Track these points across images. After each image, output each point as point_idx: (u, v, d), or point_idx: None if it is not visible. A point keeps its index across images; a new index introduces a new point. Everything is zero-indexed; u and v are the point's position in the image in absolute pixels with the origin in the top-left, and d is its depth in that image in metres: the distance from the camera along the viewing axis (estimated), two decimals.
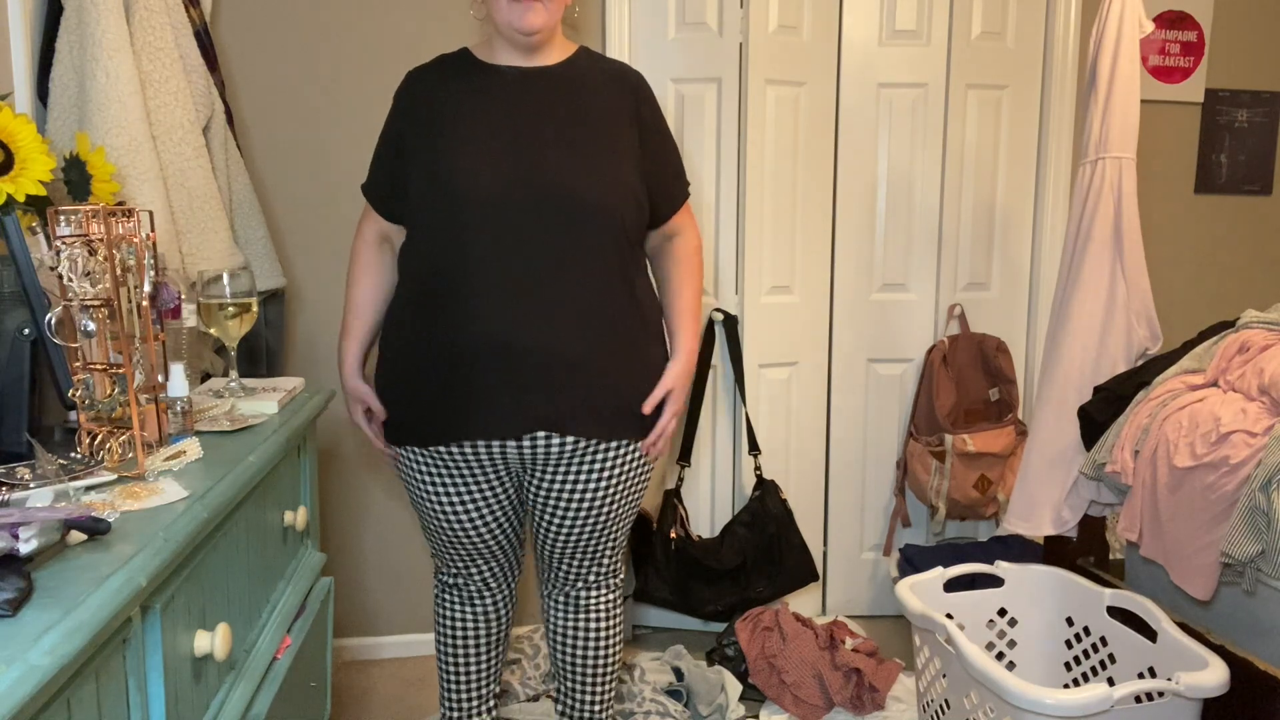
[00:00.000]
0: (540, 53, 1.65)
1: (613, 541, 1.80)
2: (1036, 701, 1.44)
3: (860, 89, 2.66)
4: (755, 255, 2.61)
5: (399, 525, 2.61)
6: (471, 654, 1.90)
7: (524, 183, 1.56)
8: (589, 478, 1.69)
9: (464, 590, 1.86)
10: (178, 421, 1.33)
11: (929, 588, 1.88)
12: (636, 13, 2.55)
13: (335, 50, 2.40)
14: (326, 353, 2.50)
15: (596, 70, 1.70)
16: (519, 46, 1.63)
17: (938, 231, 2.74)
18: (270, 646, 1.37)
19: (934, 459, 2.64)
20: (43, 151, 1.23)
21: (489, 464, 1.67)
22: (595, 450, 1.67)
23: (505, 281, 1.56)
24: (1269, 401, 1.61)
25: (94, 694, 0.83)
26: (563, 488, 1.70)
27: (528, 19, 1.56)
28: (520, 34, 1.58)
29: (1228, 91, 2.92)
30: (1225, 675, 1.48)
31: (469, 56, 1.68)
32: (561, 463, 1.67)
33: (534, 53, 1.64)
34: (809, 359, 2.73)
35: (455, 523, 1.73)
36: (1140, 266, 2.00)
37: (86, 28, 1.67)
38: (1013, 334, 2.79)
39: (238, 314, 1.55)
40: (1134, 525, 1.76)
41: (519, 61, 1.65)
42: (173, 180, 1.83)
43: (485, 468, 1.67)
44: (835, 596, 2.86)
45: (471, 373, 1.59)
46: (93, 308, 1.18)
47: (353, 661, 2.62)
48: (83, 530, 0.92)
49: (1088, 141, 2.01)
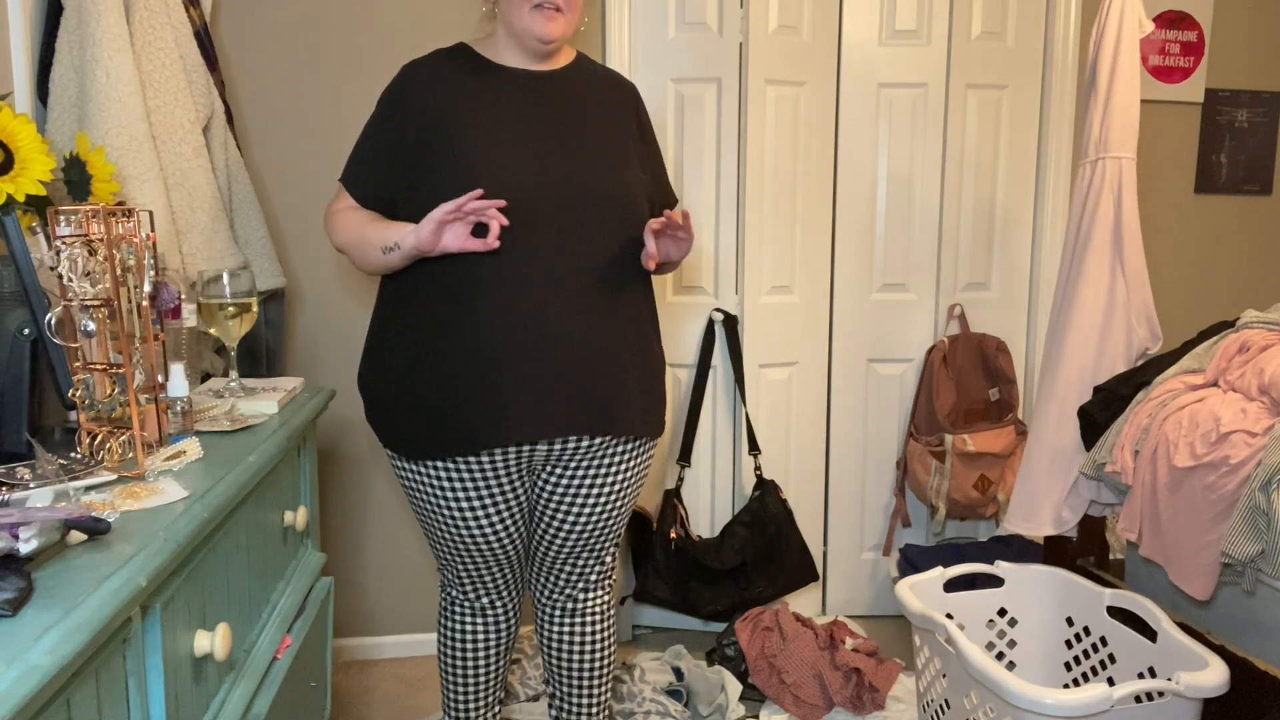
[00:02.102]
0: (548, 58, 1.66)
1: (616, 538, 1.81)
2: (1036, 701, 1.44)
3: (860, 89, 2.66)
4: (755, 255, 2.61)
5: (399, 525, 2.61)
6: (481, 665, 1.87)
7: (550, 184, 1.57)
8: (604, 475, 1.70)
9: (474, 603, 1.83)
10: (178, 421, 1.33)
11: (929, 588, 1.88)
12: (636, 13, 2.55)
13: (335, 50, 2.40)
14: (327, 353, 2.51)
15: (597, 76, 1.72)
16: (533, 53, 1.63)
17: (938, 231, 2.74)
18: (270, 646, 1.37)
19: (934, 459, 2.64)
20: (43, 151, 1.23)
21: (515, 468, 1.65)
22: (611, 446, 1.68)
23: (538, 281, 1.55)
24: (1269, 401, 1.61)
25: (94, 694, 0.83)
26: (580, 483, 1.70)
27: (549, 28, 1.56)
28: (539, 41, 1.59)
29: (1228, 91, 2.92)
30: (1225, 675, 1.48)
31: (472, 54, 1.66)
32: (580, 460, 1.68)
33: (543, 58, 1.65)
34: (809, 359, 2.73)
35: (472, 533, 1.69)
36: (1140, 266, 2.00)
37: (86, 27, 1.67)
38: (1013, 334, 2.79)
39: (238, 314, 1.55)
40: (1134, 525, 1.76)
41: (527, 65, 1.65)
42: (173, 180, 1.83)
43: (510, 472, 1.65)
44: (835, 596, 2.86)
45: (503, 374, 1.55)
46: (93, 308, 1.18)
47: (353, 661, 2.62)
48: (83, 530, 0.92)
49: (1088, 141, 2.01)
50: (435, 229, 1.48)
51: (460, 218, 1.47)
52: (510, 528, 1.72)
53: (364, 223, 1.61)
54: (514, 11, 1.57)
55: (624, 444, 1.69)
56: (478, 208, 1.45)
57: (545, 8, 1.56)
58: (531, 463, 1.66)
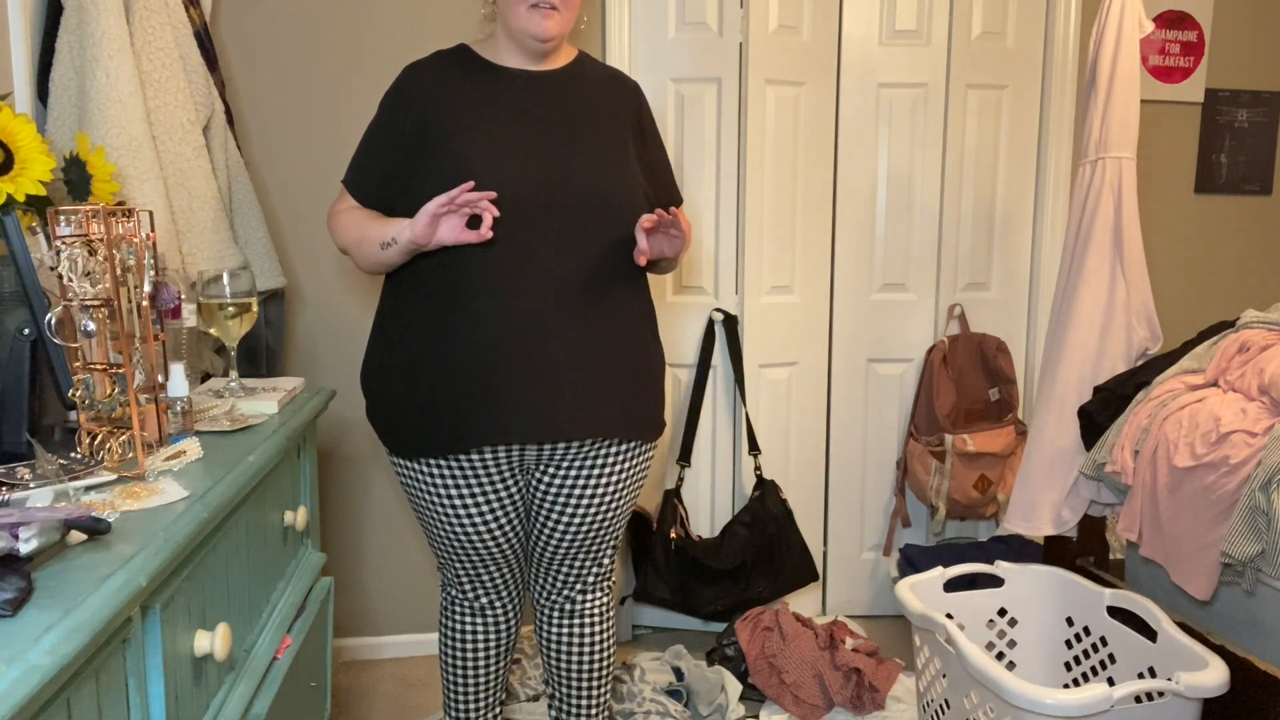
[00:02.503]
0: (547, 57, 1.66)
1: (614, 540, 1.80)
2: (1036, 701, 1.44)
3: (860, 89, 2.66)
4: (755, 255, 2.61)
5: (399, 525, 2.61)
6: (481, 665, 1.87)
7: (548, 183, 1.57)
8: (599, 476, 1.69)
9: (474, 603, 1.83)
10: (178, 421, 1.33)
11: (929, 588, 1.88)
12: (636, 13, 2.55)
13: (335, 50, 2.40)
14: (327, 353, 2.51)
15: (597, 75, 1.72)
16: (531, 52, 1.63)
17: (938, 231, 2.74)
18: (270, 646, 1.37)
19: (934, 459, 2.64)
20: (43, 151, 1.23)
21: (506, 467, 1.66)
22: (606, 448, 1.67)
23: (533, 280, 1.56)
24: (1269, 401, 1.61)
25: (94, 694, 0.83)
26: (574, 485, 1.70)
27: (545, 26, 1.57)
28: (536, 40, 1.59)
29: (1228, 91, 2.92)
30: (1225, 675, 1.48)
31: (472, 54, 1.67)
32: (575, 461, 1.67)
33: (542, 57, 1.65)
34: (809, 359, 2.73)
35: (468, 532, 1.70)
36: (1140, 266, 2.00)
37: (86, 28, 1.67)
38: (1013, 334, 2.79)
39: (238, 314, 1.55)
40: (1134, 525, 1.76)
41: (526, 65, 1.65)
42: (173, 180, 1.83)
43: (504, 471, 1.66)
44: (835, 596, 2.86)
45: (498, 373, 1.56)
46: (93, 308, 1.18)
47: (353, 661, 2.62)
48: (83, 530, 0.92)
49: (1088, 141, 2.01)
50: (429, 222, 1.48)
51: (454, 210, 1.48)
52: (505, 527, 1.72)
53: (363, 221, 1.62)
54: (511, 11, 1.58)
55: (618, 446, 1.69)
56: (470, 199, 1.46)
57: (541, 6, 1.56)
58: (524, 462, 1.66)
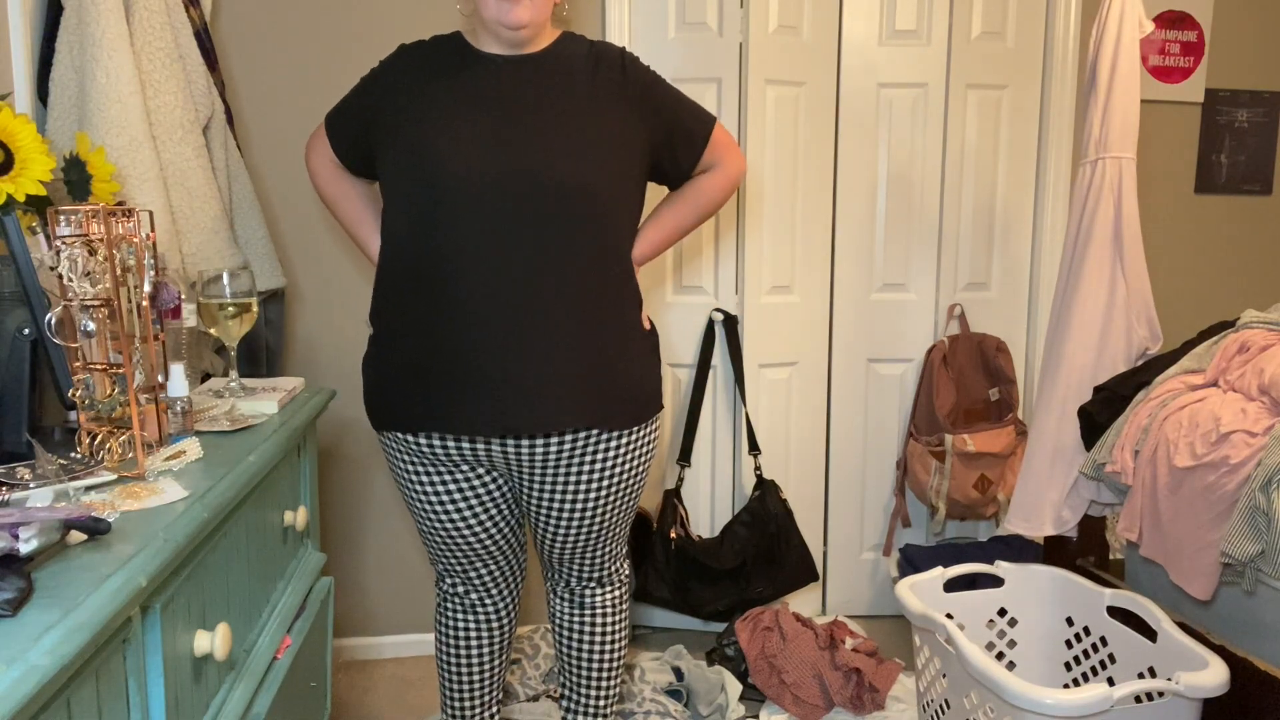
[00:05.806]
0: (528, 43, 1.64)
1: (613, 541, 1.79)
2: (1036, 701, 1.44)
3: (860, 89, 2.66)
4: (755, 255, 2.61)
5: (399, 525, 2.61)
6: (475, 663, 1.87)
7: (506, 168, 1.55)
8: (579, 480, 1.67)
9: (465, 599, 1.83)
10: (178, 421, 1.33)
11: (929, 588, 1.88)
12: (636, 13, 2.55)
13: (335, 50, 2.40)
14: (327, 353, 2.50)
15: (579, 53, 1.66)
16: (507, 40, 1.61)
17: (938, 231, 2.74)
18: (270, 646, 1.37)
19: (934, 459, 2.64)
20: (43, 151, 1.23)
21: (472, 457, 1.64)
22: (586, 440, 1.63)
23: (488, 268, 1.54)
24: (1269, 401, 1.61)
25: (94, 694, 0.83)
26: (554, 492, 1.68)
27: (514, 14, 1.55)
28: (507, 29, 1.57)
29: (1228, 91, 2.92)
30: (1225, 675, 1.48)
31: (461, 42, 1.67)
32: (549, 466, 1.65)
33: (521, 44, 1.63)
34: (809, 359, 2.73)
35: (446, 519, 1.70)
36: (1140, 266, 2.00)
37: (86, 28, 1.67)
38: (1013, 334, 2.79)
39: (238, 314, 1.55)
40: (1134, 525, 1.76)
41: (505, 51, 1.64)
42: (173, 180, 1.83)
43: (470, 461, 1.65)
44: (835, 596, 2.86)
45: (451, 362, 1.57)
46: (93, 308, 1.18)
47: (353, 661, 2.62)
48: (83, 530, 0.92)
49: (1088, 141, 2.01)
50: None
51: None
52: (486, 522, 1.72)
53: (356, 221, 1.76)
54: (481, 2, 1.58)
55: (599, 437, 1.64)
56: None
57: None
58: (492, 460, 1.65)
